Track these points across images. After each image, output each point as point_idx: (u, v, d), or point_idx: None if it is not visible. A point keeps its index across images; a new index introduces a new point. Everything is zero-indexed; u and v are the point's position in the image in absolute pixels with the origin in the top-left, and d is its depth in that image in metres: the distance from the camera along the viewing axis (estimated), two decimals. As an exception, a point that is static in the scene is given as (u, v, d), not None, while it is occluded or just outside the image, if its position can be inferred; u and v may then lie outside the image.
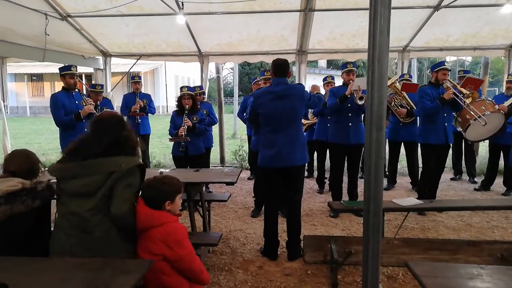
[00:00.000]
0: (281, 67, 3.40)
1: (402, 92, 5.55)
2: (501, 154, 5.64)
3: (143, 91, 6.87)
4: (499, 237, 3.98)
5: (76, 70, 4.67)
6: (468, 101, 4.53)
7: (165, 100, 25.67)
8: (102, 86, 5.68)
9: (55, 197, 2.06)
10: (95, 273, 1.42)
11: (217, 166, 7.66)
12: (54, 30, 5.62)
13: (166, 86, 26.02)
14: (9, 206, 1.87)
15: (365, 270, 1.90)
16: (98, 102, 5.21)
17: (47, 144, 11.83)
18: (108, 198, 1.93)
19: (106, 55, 7.18)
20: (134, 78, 6.79)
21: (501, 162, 5.76)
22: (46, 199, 2.03)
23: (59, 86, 4.77)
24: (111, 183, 1.93)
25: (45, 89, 26.19)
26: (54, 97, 4.57)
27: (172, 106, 19.58)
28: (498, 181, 5.90)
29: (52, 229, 2.06)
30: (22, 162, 2.14)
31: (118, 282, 1.35)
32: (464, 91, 4.51)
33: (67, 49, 6.42)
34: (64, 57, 6.32)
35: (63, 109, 4.52)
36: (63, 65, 4.72)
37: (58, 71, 4.74)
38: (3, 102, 6.93)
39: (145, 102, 6.47)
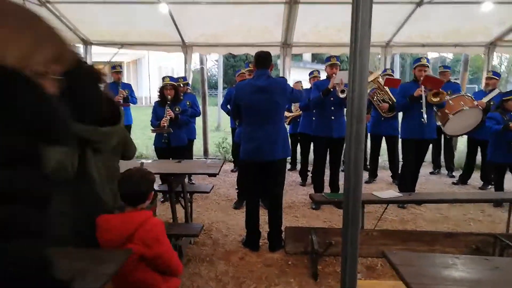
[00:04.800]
0: (262, 59, 3.40)
1: (385, 87, 5.62)
2: (479, 149, 5.79)
3: (125, 81, 6.77)
4: (475, 230, 4.09)
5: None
6: (436, 100, 4.56)
7: (148, 90, 25.31)
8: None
9: None
10: (72, 261, 1.40)
11: (200, 158, 7.63)
12: (33, 16, 5.45)
13: (149, 77, 25.65)
14: None
15: (343, 260, 1.93)
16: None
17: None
18: None
19: (86, 43, 7.02)
20: (116, 68, 6.64)
21: (479, 157, 5.90)
22: None
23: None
24: None
25: (24, 77, 25.39)
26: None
27: (155, 97, 19.34)
28: (476, 176, 6.05)
29: None
30: None
31: (95, 271, 1.34)
32: (432, 99, 4.52)
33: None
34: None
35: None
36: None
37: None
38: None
39: (126, 92, 6.37)
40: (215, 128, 13.17)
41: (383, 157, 6.58)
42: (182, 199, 3.75)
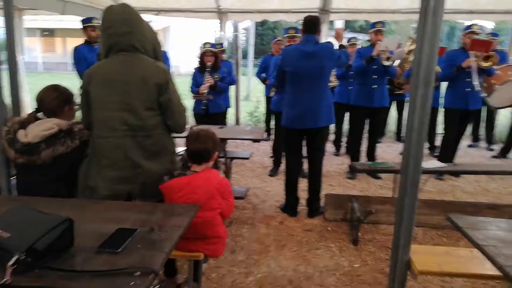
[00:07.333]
0: (311, 24, 3.33)
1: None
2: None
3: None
4: (517, 203, 4.01)
5: (98, 23, 4.60)
6: (487, 64, 4.36)
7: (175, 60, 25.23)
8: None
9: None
10: (147, 214, 1.48)
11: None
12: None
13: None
14: (51, 149, 1.92)
15: (397, 225, 1.95)
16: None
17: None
18: None
19: (123, 9, 7.01)
20: None
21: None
22: (83, 139, 2.03)
23: (70, 42, 4.72)
24: None
25: (57, 44, 26.00)
26: (77, 50, 4.52)
27: (178, 65, 19.32)
28: (517, 150, 5.86)
29: None
30: (54, 97, 2.08)
31: (170, 223, 1.41)
32: (483, 64, 4.33)
33: (87, 1, 6.28)
34: (84, 10, 6.17)
35: (85, 62, 4.49)
36: (84, 18, 4.65)
37: (69, 27, 4.70)
38: (21, 56, 6.90)
39: None
40: (244, 98, 13.14)
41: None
42: (223, 164, 3.82)
